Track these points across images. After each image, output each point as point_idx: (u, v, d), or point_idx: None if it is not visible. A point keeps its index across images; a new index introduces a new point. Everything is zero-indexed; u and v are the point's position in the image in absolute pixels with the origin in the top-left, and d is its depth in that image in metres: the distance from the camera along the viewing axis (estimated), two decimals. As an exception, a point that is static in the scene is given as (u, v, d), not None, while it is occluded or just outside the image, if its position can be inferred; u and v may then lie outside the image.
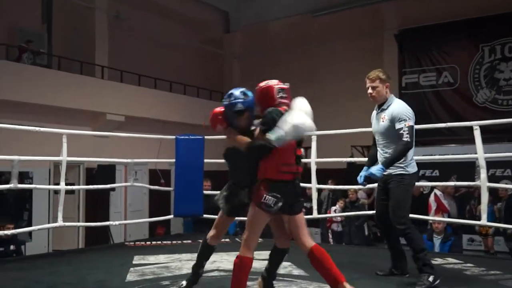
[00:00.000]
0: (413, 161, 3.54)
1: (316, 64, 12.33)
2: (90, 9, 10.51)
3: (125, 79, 10.50)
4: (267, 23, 12.94)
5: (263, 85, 3.02)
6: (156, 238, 6.79)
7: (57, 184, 5.16)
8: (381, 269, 3.77)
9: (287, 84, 3.05)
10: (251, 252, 2.89)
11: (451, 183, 6.51)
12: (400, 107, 3.46)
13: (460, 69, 10.64)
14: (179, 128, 9.82)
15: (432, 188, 7.80)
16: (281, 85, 3.02)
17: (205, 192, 6.28)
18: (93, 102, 9.51)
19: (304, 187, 3.28)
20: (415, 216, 5.89)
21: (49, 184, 8.68)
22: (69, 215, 8.25)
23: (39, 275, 3.90)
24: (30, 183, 8.19)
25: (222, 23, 14.18)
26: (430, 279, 3.30)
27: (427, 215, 7.07)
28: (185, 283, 3.32)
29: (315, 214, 5.43)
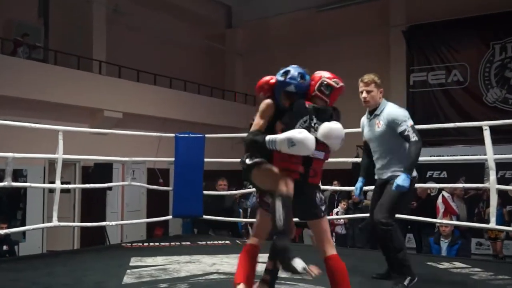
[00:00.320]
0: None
1: (320, 61, 12.24)
2: (88, 3, 10.53)
3: (123, 74, 10.50)
4: (270, 18, 12.96)
5: (316, 74, 2.96)
6: (154, 239, 6.80)
7: (52, 182, 5.16)
8: (378, 272, 3.76)
9: (340, 84, 2.84)
10: (259, 241, 3.04)
11: (459, 185, 6.49)
12: (395, 110, 3.41)
13: (470, 67, 10.64)
14: (179, 125, 9.82)
15: (440, 190, 7.80)
16: (331, 81, 2.84)
17: (221, 192, 6.36)
18: (90, 98, 9.52)
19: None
20: (422, 218, 5.92)
21: (44, 182, 8.67)
22: (64, 215, 8.26)
23: (36, 276, 3.92)
24: (24, 181, 8.21)
25: (224, 18, 14.20)
26: (405, 282, 3.24)
27: (435, 217, 7.07)
28: None
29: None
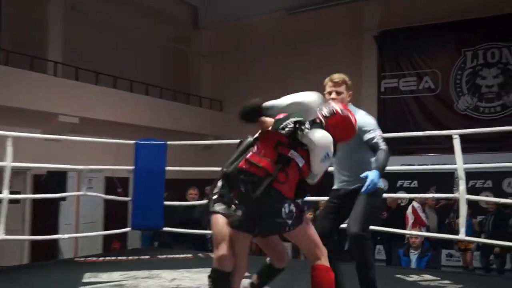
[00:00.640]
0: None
1: (291, 65, 12.44)
2: (43, 0, 10.31)
3: (80, 76, 10.32)
4: (239, 20, 12.99)
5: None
6: (110, 253, 6.68)
7: None
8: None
9: (346, 113, 2.84)
10: (235, 280, 2.61)
11: (429, 195, 6.65)
12: (365, 117, 3.33)
13: (441, 74, 10.92)
14: (140, 132, 9.71)
15: (410, 200, 7.95)
16: (337, 107, 2.85)
17: (192, 202, 6.32)
18: (44, 101, 9.30)
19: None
20: (392, 229, 6.01)
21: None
22: (13, 227, 7.98)
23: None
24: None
25: (190, 18, 14.15)
26: None
27: (404, 228, 7.20)
28: None
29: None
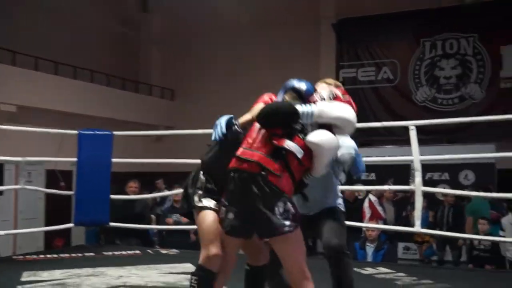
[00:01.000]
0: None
1: (246, 53, 12.46)
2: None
3: (19, 62, 10.03)
4: (191, 4, 12.90)
5: None
6: (52, 251, 6.57)
7: None
8: None
9: (348, 98, 2.85)
10: (219, 281, 2.53)
11: (385, 187, 6.85)
12: (348, 139, 3.17)
13: (400, 64, 11.22)
14: (85, 122, 9.52)
15: (367, 192, 8.16)
16: (337, 90, 2.86)
17: (131, 196, 6.31)
18: (-23, 88, 9.02)
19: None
20: (349, 223, 6.17)
21: None
22: None
23: None
24: None
25: (139, 0, 13.95)
26: None
27: (362, 222, 7.39)
28: None
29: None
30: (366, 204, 7.80)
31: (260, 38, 12.31)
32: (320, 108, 2.57)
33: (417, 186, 5.00)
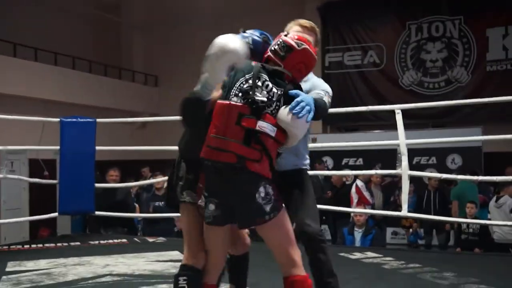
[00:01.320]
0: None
1: (229, 37, 12.34)
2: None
3: (-3, 48, 9.88)
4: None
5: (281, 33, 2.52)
6: (37, 241, 6.53)
7: None
8: None
9: (304, 46, 2.40)
10: (210, 276, 2.42)
11: (372, 172, 6.89)
12: (321, 81, 2.87)
13: (386, 48, 11.23)
14: (67, 109, 9.44)
15: (355, 178, 8.21)
16: (291, 41, 2.41)
17: (113, 185, 6.24)
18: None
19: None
20: (336, 208, 6.22)
21: None
22: None
23: None
24: None
25: (120, -15, 13.77)
26: None
27: (350, 207, 7.45)
28: None
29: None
30: (353, 189, 7.86)
31: (244, 22, 12.08)
32: (209, 68, 2.35)
33: (404, 170, 5.04)
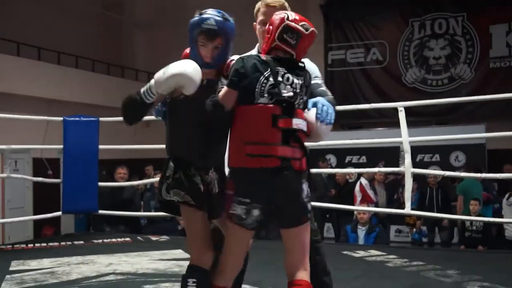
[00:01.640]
0: None
1: (237, 37, 12.35)
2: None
3: (0, 47, 9.84)
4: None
5: (275, 16, 2.35)
6: (40, 240, 6.56)
7: None
8: None
9: (311, 29, 2.32)
10: (227, 280, 2.29)
11: (375, 169, 6.88)
12: (309, 62, 2.79)
13: (389, 45, 11.20)
14: (71, 108, 9.43)
15: (359, 176, 8.21)
16: (298, 25, 2.27)
17: (121, 183, 6.29)
18: (-42, 75, 8.89)
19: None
20: (339, 206, 6.22)
21: None
22: None
23: None
24: None
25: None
26: None
27: (353, 205, 7.45)
28: None
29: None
30: (357, 188, 7.84)
31: (247, 20, 12.17)
32: (155, 78, 2.27)
33: (407, 167, 5.04)
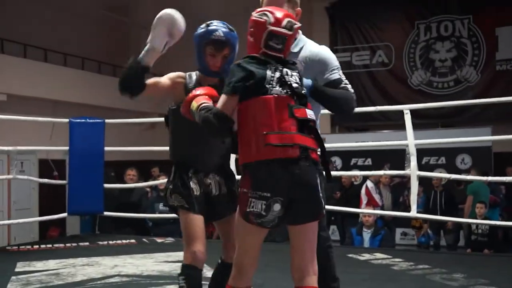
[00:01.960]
0: None
1: (238, 38, 12.34)
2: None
3: (7, 49, 9.93)
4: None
5: (256, 16, 2.28)
6: (46, 241, 6.57)
7: None
8: None
9: (294, 26, 2.22)
10: (245, 281, 2.15)
11: (380, 172, 6.85)
12: (324, 49, 2.58)
13: (394, 47, 11.17)
14: (77, 110, 9.51)
15: (364, 178, 8.18)
16: (280, 29, 2.20)
17: (130, 185, 6.32)
18: (-34, 77, 8.93)
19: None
20: (344, 208, 6.20)
21: None
22: None
23: None
24: None
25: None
26: None
27: (359, 208, 7.42)
28: None
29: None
30: (363, 191, 7.80)
31: (247, 20, 12.18)
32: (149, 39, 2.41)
33: (413, 170, 5.02)
